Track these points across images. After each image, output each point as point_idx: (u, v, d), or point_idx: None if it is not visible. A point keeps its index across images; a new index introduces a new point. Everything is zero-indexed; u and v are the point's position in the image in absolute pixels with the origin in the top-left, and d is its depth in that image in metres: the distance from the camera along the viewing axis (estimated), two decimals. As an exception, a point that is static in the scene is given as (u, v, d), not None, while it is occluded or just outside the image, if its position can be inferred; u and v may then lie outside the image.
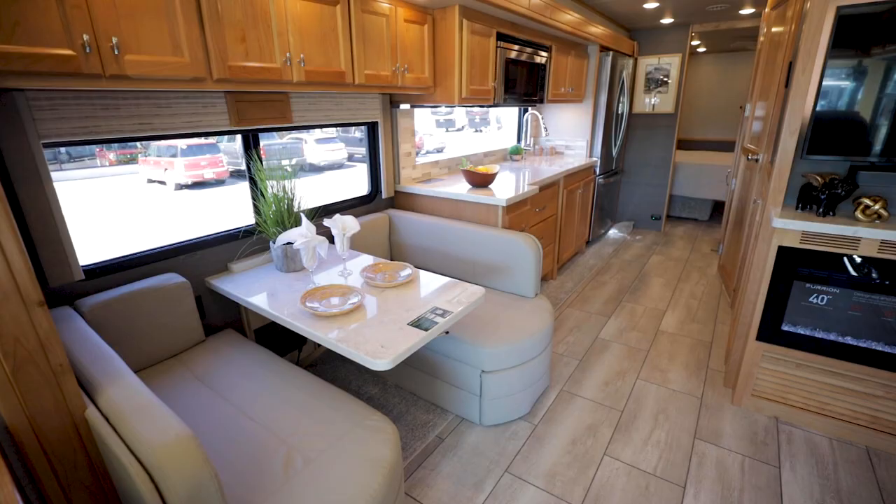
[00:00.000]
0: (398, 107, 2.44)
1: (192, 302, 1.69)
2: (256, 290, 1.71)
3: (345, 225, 1.79)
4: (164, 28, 1.25)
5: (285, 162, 1.93)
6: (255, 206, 1.94)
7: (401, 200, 2.64)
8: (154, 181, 9.34)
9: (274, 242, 1.79)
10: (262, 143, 1.93)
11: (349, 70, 1.76)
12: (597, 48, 3.63)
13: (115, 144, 9.77)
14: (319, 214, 2.20)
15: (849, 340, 1.73)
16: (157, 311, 1.58)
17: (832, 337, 1.75)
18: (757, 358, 1.92)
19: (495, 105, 2.62)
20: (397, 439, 1.33)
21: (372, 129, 2.40)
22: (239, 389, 1.49)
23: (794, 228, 1.69)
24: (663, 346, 2.50)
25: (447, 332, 1.63)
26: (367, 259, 1.98)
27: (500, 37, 2.46)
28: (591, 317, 2.84)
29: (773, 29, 2.56)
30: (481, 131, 17.07)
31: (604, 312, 2.90)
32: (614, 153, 4.23)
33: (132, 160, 9.89)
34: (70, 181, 8.95)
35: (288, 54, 1.53)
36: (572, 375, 2.24)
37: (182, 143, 9.03)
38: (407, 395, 2.09)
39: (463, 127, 16.88)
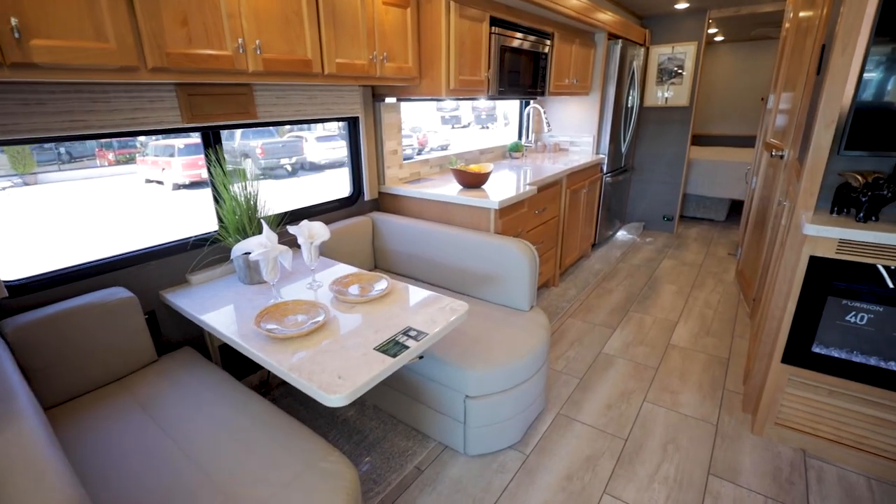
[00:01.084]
0: (383, 100, 2.24)
1: (141, 319, 1.51)
2: (213, 305, 1.53)
3: (312, 232, 1.60)
4: (82, 8, 1.07)
5: (284, 161, 1.74)
6: (217, 211, 1.76)
7: (386, 202, 2.44)
8: (152, 181, 9.26)
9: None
10: (260, 142, 1.75)
11: (317, 58, 1.56)
12: (604, 36, 3.38)
13: (115, 143, 9.77)
14: (291, 219, 2.02)
15: (892, 366, 1.48)
16: (97, 330, 1.41)
17: (872, 361, 1.51)
18: (782, 382, 1.68)
19: (490, 98, 2.41)
20: (356, 486, 1.14)
21: (352, 125, 2.21)
22: (183, 421, 1.31)
23: (829, 236, 1.44)
24: (674, 362, 2.27)
25: (421, 357, 1.43)
26: (342, 269, 1.79)
27: (495, 22, 2.24)
28: (595, 329, 2.61)
29: (801, 13, 2.30)
30: (488, 128, 16.78)
31: (609, 324, 2.67)
32: (623, 149, 3.98)
33: (131, 160, 9.82)
34: (70, 181, 8.91)
35: (241, 40, 1.34)
36: (571, 396, 2.02)
37: (179, 143, 8.94)
38: (386, 417, 1.90)
39: (469, 123, 16.62)
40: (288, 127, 9.20)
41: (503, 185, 2.34)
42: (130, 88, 1.40)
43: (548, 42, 2.76)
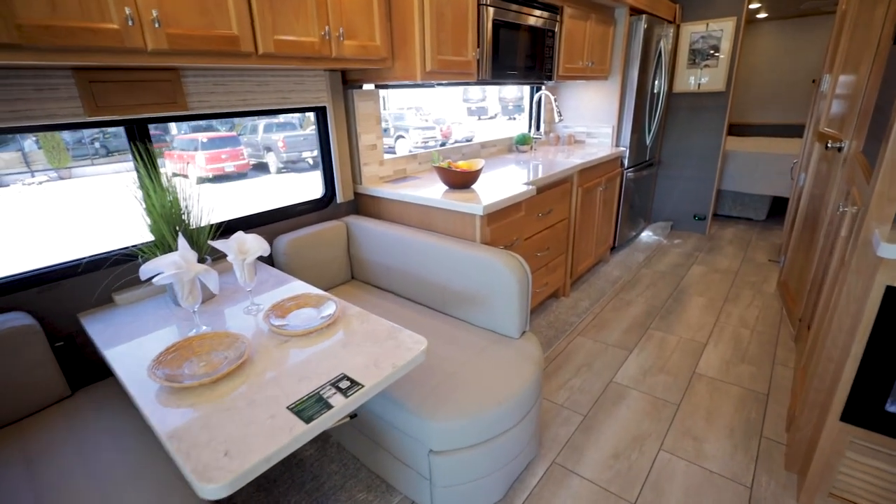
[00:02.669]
0: (359, 87, 1.94)
1: (46, 349, 1.28)
2: (131, 332, 1.28)
3: (243, 247, 1.32)
4: None
5: (306, 154, 1.47)
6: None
7: (366, 205, 2.15)
8: (178, 175, 9.44)
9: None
10: (282, 136, 1.49)
11: (247, 35, 1.27)
12: (626, 11, 2.96)
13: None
14: (245, 227, 1.75)
15: None
16: (-18, 365, 1.18)
17: (973, 429, 1.11)
18: (840, 444, 1.30)
19: (481, 83, 2.07)
20: None
21: (320, 116, 1.92)
22: (66, 483, 1.07)
23: (916, 261, 1.05)
24: (700, 397, 1.89)
25: (353, 416, 1.12)
26: (298, 287, 1.51)
27: (486, -8, 1.89)
28: (608, 350, 2.25)
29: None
30: (515, 118, 16.26)
31: (624, 344, 2.30)
32: (648, 141, 3.54)
33: (160, 154, 10.03)
34: (101, 175, 9.16)
35: (128, 10, 1.06)
36: (571, 440, 1.69)
37: (202, 137, 9.10)
38: (349, 459, 1.62)
39: (496, 115, 16.15)
40: (312, 119, 9.05)
41: (498, 185, 2.01)
42: (9, 74, 1.14)
43: (556, 17, 2.38)
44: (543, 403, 1.88)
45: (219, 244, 1.29)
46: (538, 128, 3.41)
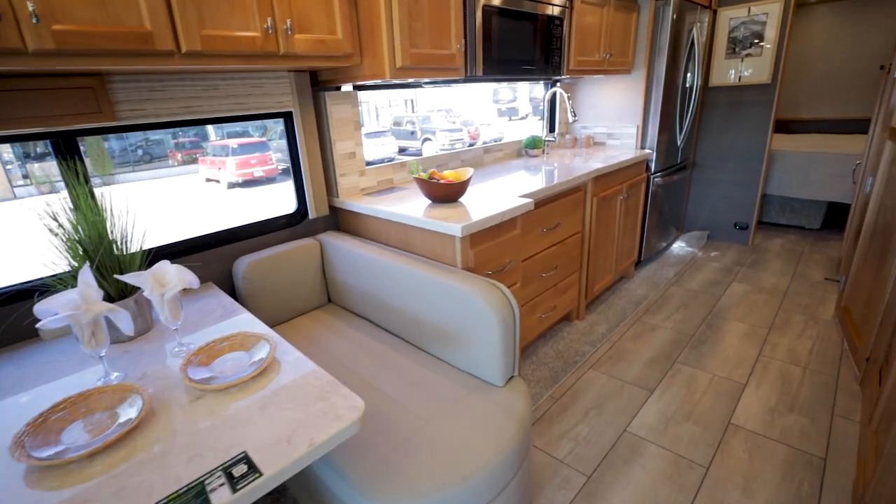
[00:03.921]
0: (337, 88, 1.71)
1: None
2: (37, 377, 1.11)
3: (162, 279, 1.12)
4: None
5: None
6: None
7: (345, 220, 1.93)
8: (211, 180, 9.85)
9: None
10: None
11: (164, 30, 1.07)
12: (651, -4, 2.61)
13: (187, 144, 10.77)
14: (195, 250, 1.56)
15: None
16: None
17: None
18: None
19: (470, 80, 1.80)
20: None
21: (288, 122, 1.71)
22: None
23: None
24: (736, 458, 1.54)
25: None
26: (239, 322, 1.30)
27: (474, -25, 1.63)
28: (624, 389, 1.92)
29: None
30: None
31: (644, 382, 1.96)
32: (680, 142, 3.15)
33: (194, 160, 10.48)
34: (141, 181, 9.64)
35: (-6, -2, 0.87)
36: (569, 510, 1.39)
37: (233, 143, 9.41)
38: (305, 522, 1.39)
39: (527, 115, 15.76)
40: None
41: (493, 197, 1.73)
42: None
43: (563, 2, 2.08)
44: (540, 457, 1.59)
45: (130, 277, 1.10)
46: (552, 129, 3.10)
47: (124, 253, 1.27)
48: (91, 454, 0.84)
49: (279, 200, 8.25)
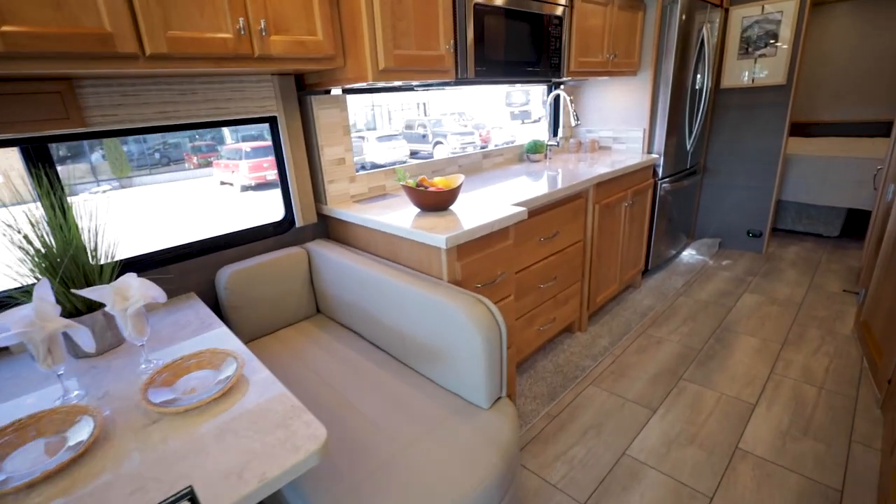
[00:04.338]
0: (326, 92, 1.65)
1: None
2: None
3: (125, 293, 1.06)
4: None
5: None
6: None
7: (335, 228, 1.87)
8: (225, 183, 10.00)
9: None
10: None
11: (125, 31, 1.02)
12: (658, -5, 2.51)
13: (204, 148, 11.03)
14: (173, 260, 1.51)
15: None
16: None
17: None
18: None
19: (461, 82, 1.73)
20: None
21: (273, 127, 1.65)
22: None
23: None
24: (743, 488, 1.43)
25: None
26: (211, 337, 1.24)
27: (464, -28, 1.56)
28: (625, 407, 1.82)
29: None
30: (560, 122, 15.64)
31: (647, 400, 1.85)
32: (689, 146, 3.03)
33: (209, 164, 10.66)
34: (156, 184, 9.82)
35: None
36: (561, 542, 1.29)
37: (246, 146, 9.55)
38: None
39: (539, 118, 15.65)
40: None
41: (487, 205, 1.65)
42: None
43: (561, 2, 2.00)
44: (532, 481, 1.50)
45: (90, 291, 1.04)
46: (555, 133, 3.01)
47: (98, 264, 1.22)
48: (30, 485, 0.78)
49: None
